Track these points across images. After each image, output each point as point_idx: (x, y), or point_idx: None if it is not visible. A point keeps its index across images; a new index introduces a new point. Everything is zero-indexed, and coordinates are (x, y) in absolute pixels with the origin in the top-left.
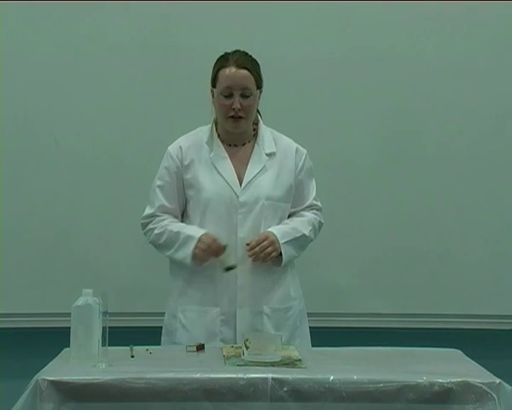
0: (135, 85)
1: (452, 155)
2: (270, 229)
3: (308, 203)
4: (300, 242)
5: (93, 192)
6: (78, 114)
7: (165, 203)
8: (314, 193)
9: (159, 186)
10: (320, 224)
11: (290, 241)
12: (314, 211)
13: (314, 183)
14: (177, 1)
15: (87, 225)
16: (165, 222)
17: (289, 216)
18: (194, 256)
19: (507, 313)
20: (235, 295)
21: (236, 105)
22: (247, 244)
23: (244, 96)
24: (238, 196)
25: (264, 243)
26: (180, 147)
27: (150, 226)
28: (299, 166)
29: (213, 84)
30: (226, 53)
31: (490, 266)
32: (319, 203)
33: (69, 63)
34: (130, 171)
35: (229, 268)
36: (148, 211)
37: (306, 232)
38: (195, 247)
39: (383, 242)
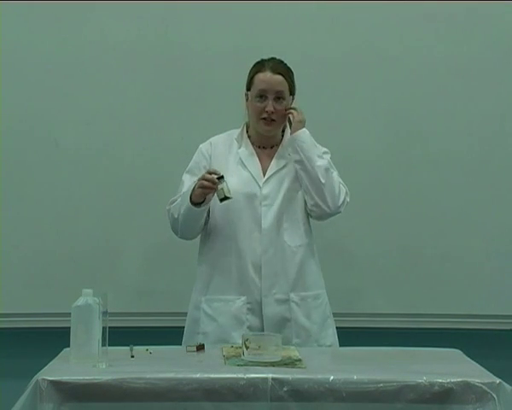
0: (135, 86)
1: (453, 156)
2: None
3: None
4: (318, 158)
5: (93, 192)
6: (78, 114)
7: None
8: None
9: (186, 177)
10: (344, 193)
11: (313, 144)
12: None
13: (336, 174)
14: (178, 1)
15: (87, 224)
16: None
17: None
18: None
19: (507, 313)
20: (260, 284)
21: (270, 108)
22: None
23: (277, 99)
24: (261, 189)
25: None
26: (210, 143)
27: (172, 207)
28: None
29: (248, 88)
30: (262, 59)
31: (490, 266)
32: (345, 188)
33: (69, 63)
34: (130, 171)
35: (223, 199)
36: (173, 198)
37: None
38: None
39: (383, 242)
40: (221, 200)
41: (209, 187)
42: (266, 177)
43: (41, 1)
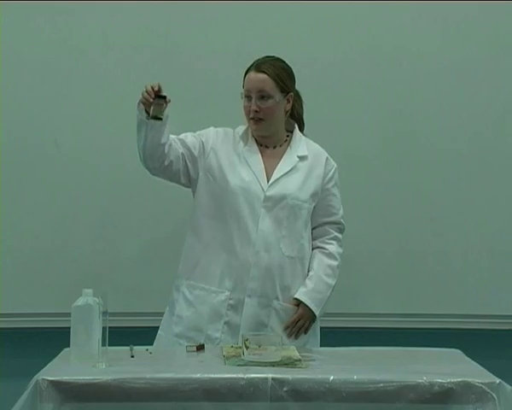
0: (135, 86)
1: (452, 156)
2: (303, 295)
3: (335, 219)
4: (330, 295)
5: (93, 192)
6: (78, 114)
7: (176, 136)
8: (342, 210)
9: (188, 133)
10: (340, 255)
11: (323, 305)
12: (338, 234)
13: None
14: (178, 1)
15: (87, 224)
16: None
17: (314, 228)
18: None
19: (507, 313)
20: (247, 284)
21: (253, 107)
22: (285, 329)
23: (261, 98)
24: (264, 191)
25: (300, 322)
26: (217, 133)
27: None
28: (329, 176)
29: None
30: (256, 59)
31: (490, 266)
32: (344, 223)
33: (69, 63)
34: (130, 171)
35: (154, 117)
36: None
37: (333, 283)
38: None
39: (383, 241)
40: (150, 116)
41: (145, 98)
42: (272, 180)
43: (41, 1)
